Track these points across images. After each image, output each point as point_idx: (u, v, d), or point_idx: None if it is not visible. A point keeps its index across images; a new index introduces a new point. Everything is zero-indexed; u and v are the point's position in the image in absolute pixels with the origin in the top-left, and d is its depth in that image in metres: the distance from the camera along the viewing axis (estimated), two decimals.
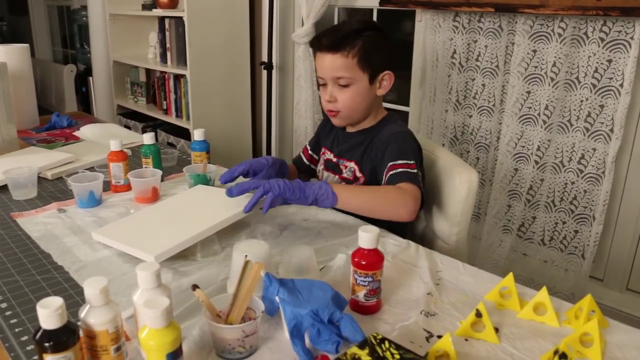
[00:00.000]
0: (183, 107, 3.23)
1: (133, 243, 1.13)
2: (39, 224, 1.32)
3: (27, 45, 2.19)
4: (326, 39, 1.37)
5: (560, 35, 1.94)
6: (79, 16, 4.87)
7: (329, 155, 1.55)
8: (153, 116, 3.46)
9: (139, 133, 3.58)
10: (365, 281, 0.92)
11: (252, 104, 3.34)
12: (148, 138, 1.54)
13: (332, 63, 1.36)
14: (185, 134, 3.22)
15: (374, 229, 0.92)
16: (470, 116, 2.33)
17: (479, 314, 0.88)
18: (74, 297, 1.00)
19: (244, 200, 1.19)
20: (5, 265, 1.12)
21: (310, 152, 1.67)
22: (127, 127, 3.70)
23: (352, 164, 1.46)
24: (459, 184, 1.36)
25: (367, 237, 0.91)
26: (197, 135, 1.58)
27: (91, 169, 1.68)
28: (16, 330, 0.91)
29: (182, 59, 3.11)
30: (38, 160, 1.69)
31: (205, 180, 1.46)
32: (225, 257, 1.14)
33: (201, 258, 1.14)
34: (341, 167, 1.49)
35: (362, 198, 1.23)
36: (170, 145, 3.32)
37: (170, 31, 3.18)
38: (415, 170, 1.29)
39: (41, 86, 5.07)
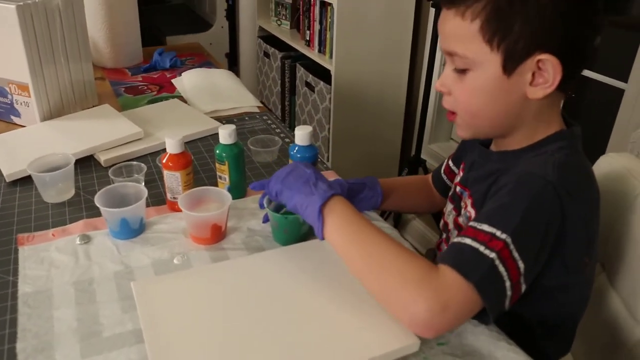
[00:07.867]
0: (327, 42, 2.65)
1: (159, 340, 0.67)
2: (44, 264, 0.88)
3: None
4: None
5: None
6: None
7: (459, 178, 0.96)
8: (294, 47, 2.94)
9: (278, 63, 3.09)
10: None
11: (412, 49, 2.66)
12: (225, 135, 1.00)
13: (444, 25, 0.78)
14: (326, 75, 2.66)
15: None
16: None
17: None
18: None
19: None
20: None
21: (450, 163, 1.06)
22: (266, 54, 3.23)
23: (470, 202, 0.86)
24: None
25: None
26: (300, 137, 1.00)
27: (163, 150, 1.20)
28: None
29: None
30: (98, 131, 1.26)
31: (298, 225, 0.92)
32: None
33: None
34: (463, 202, 0.90)
35: (353, 252, 0.73)
36: (308, 86, 2.80)
37: None
38: (492, 256, 0.66)
39: None
